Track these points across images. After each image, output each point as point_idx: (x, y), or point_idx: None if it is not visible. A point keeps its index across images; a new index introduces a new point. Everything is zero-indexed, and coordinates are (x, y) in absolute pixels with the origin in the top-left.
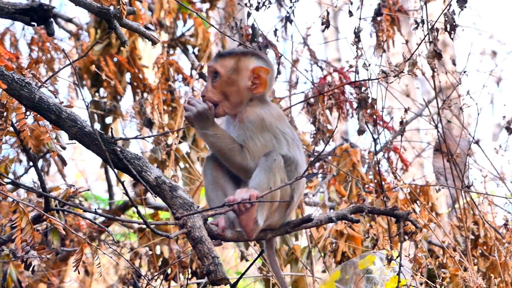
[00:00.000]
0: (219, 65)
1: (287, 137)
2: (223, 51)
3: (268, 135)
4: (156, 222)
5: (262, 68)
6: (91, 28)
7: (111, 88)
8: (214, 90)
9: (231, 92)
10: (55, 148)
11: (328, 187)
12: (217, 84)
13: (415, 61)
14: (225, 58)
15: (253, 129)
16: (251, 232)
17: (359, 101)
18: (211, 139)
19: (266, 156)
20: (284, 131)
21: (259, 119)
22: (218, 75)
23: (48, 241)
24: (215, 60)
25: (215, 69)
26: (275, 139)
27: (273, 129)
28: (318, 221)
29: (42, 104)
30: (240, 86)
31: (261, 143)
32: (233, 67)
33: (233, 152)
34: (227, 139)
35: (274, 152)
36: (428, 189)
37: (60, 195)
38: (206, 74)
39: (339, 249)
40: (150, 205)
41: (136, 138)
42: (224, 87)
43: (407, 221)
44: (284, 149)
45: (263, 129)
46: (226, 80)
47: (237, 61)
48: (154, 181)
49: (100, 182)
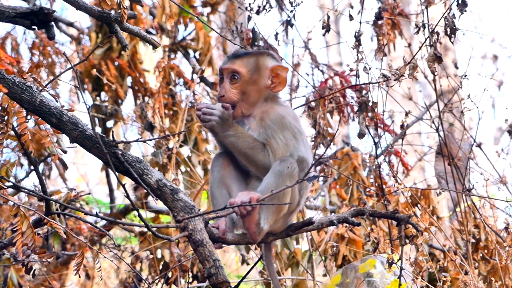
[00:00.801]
0: (239, 65)
1: (303, 137)
2: (239, 52)
3: (288, 133)
4: (157, 225)
5: (281, 66)
6: (92, 32)
7: (112, 92)
8: (233, 90)
9: (251, 92)
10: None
11: (329, 191)
12: (238, 84)
13: (415, 65)
14: (244, 58)
15: (274, 128)
16: (254, 235)
17: (360, 105)
18: (233, 140)
19: (281, 161)
20: (301, 131)
21: (280, 118)
22: (238, 75)
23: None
24: (231, 61)
25: (234, 70)
26: (294, 138)
27: (292, 128)
28: (319, 224)
29: (43, 107)
30: (260, 85)
31: (282, 141)
32: (253, 67)
33: (255, 151)
34: (249, 138)
35: (291, 159)
36: (429, 193)
37: (61, 198)
38: (207, 78)
39: (340, 253)
40: (151, 209)
41: (137, 142)
42: (245, 87)
43: (408, 224)
44: (302, 149)
45: (283, 127)
46: (248, 80)
47: (256, 61)
48: (155, 184)
49: (101, 186)
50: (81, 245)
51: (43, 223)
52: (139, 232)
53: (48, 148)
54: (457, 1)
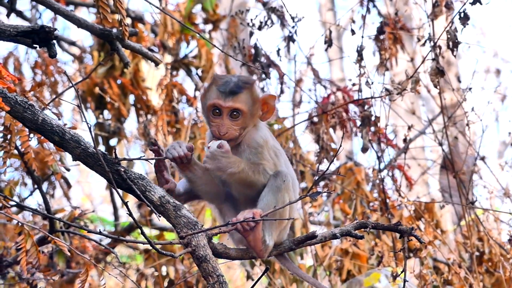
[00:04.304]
0: (239, 103)
1: (282, 153)
2: (233, 87)
3: (272, 153)
4: (161, 242)
5: (270, 96)
6: (95, 51)
7: (115, 110)
8: (235, 127)
9: (249, 124)
10: (59, 170)
11: (332, 206)
12: (239, 121)
13: (417, 79)
14: (242, 94)
15: (263, 151)
16: (260, 252)
17: (363, 119)
18: (235, 171)
19: (275, 177)
20: (279, 148)
21: (264, 142)
22: (240, 113)
23: (53, 263)
24: (230, 98)
25: (235, 108)
26: (276, 156)
27: (273, 148)
28: (323, 238)
29: (45, 125)
30: (256, 116)
31: (271, 161)
32: (251, 101)
33: (255, 173)
34: (247, 165)
35: (283, 173)
36: (433, 207)
37: (65, 217)
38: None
39: (345, 267)
40: (155, 226)
41: (140, 159)
42: (245, 122)
43: (411, 237)
44: (282, 165)
45: (269, 149)
46: (248, 116)
47: (251, 94)
48: (158, 201)
49: (106, 205)
50: (86, 263)
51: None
52: (144, 250)
53: (52, 167)
54: (459, 14)
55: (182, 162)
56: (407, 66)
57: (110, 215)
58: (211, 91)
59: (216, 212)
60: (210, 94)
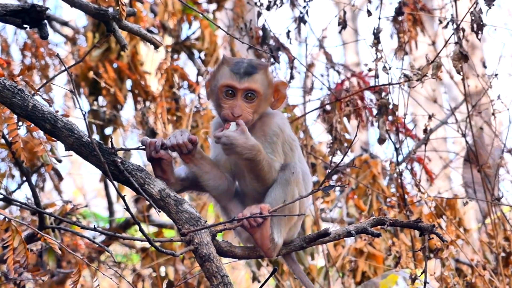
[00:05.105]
0: (255, 83)
1: (297, 146)
2: (247, 67)
3: (287, 146)
4: (160, 239)
5: (283, 82)
6: (89, 32)
7: (110, 96)
8: (249, 109)
9: (262, 109)
10: (50, 161)
11: (346, 202)
12: (254, 104)
13: (439, 64)
14: (258, 75)
15: (277, 142)
16: (268, 251)
17: (379, 108)
18: (252, 156)
19: (283, 169)
20: (295, 140)
21: (280, 131)
22: (255, 95)
23: (43, 262)
24: (244, 78)
25: (252, 89)
26: (291, 151)
27: (289, 139)
28: (336, 235)
29: (36, 112)
30: (268, 102)
31: (281, 157)
32: (266, 83)
33: (271, 168)
34: (266, 156)
35: (291, 164)
36: (455, 203)
37: (56, 212)
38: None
39: (359, 269)
40: (154, 222)
41: (138, 149)
42: (259, 105)
43: (432, 235)
44: (296, 158)
45: (284, 140)
46: (263, 98)
47: (266, 76)
48: (157, 195)
49: (99, 199)
50: (78, 262)
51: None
52: (141, 248)
53: (42, 157)
54: None
55: (182, 152)
56: (427, 50)
57: (105, 210)
58: (222, 71)
59: (219, 208)
60: (221, 75)
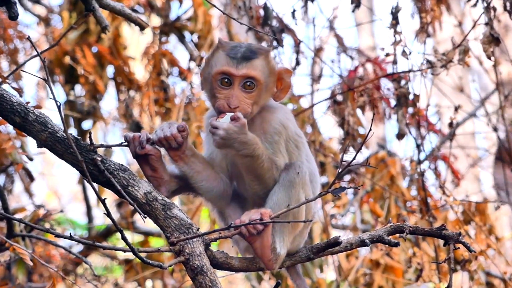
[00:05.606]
0: (254, 70)
1: (304, 143)
2: (245, 52)
3: (291, 144)
4: (146, 249)
5: (287, 70)
6: (65, 11)
7: (89, 85)
8: (247, 100)
9: (262, 100)
10: (20, 160)
11: (360, 206)
12: (253, 93)
13: (467, 48)
14: (257, 60)
15: (279, 141)
16: (270, 263)
17: (398, 98)
18: (249, 153)
19: (287, 169)
20: (301, 136)
21: (283, 129)
22: (254, 83)
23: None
24: (242, 64)
25: (251, 76)
26: (297, 149)
27: (294, 136)
28: (348, 245)
29: (3, 103)
30: (270, 92)
31: (285, 156)
32: (267, 70)
33: (271, 167)
34: (265, 154)
35: (297, 163)
36: (486, 208)
37: (26, 218)
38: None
39: (375, 283)
40: (139, 230)
41: (121, 146)
42: (259, 96)
43: (458, 244)
44: (302, 157)
45: (288, 138)
46: (263, 88)
47: (267, 62)
48: (143, 198)
49: (77, 204)
50: (52, 275)
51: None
52: (124, 260)
53: (10, 155)
54: None
55: (171, 147)
56: (453, 32)
57: (83, 216)
58: (217, 57)
59: (216, 213)
60: (216, 60)
